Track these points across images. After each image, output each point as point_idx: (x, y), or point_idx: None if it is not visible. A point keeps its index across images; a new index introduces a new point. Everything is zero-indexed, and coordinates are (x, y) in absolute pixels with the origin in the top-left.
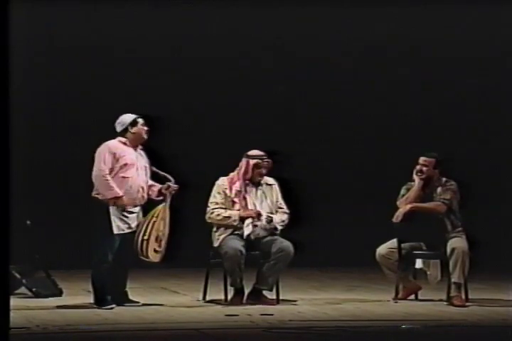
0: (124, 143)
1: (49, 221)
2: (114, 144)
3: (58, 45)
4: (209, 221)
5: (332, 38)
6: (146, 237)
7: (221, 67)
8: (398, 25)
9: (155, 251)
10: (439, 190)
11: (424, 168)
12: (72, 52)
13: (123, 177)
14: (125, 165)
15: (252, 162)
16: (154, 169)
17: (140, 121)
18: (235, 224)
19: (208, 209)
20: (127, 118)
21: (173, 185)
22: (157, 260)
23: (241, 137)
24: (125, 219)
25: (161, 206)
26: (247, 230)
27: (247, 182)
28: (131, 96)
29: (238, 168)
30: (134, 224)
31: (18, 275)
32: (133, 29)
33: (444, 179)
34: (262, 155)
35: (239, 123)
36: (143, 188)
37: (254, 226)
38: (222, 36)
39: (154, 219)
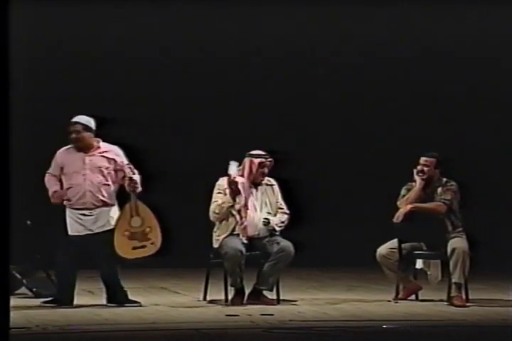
0: (73, 149)
1: (49, 221)
2: (61, 153)
3: (58, 44)
4: (212, 219)
5: (332, 37)
6: (116, 236)
7: (221, 66)
8: (398, 25)
9: (134, 248)
10: (439, 190)
11: (426, 168)
12: (71, 51)
13: (69, 185)
14: (66, 173)
15: (256, 161)
16: (123, 163)
17: (77, 127)
18: (229, 205)
19: (210, 208)
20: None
21: (134, 177)
22: (143, 254)
23: (241, 137)
24: (80, 221)
25: (129, 203)
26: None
27: (248, 182)
28: (132, 96)
29: (239, 168)
30: (93, 227)
31: (18, 276)
32: (133, 29)
33: (444, 179)
34: (265, 155)
35: (239, 123)
36: (91, 192)
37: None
38: (223, 36)
39: (121, 217)
